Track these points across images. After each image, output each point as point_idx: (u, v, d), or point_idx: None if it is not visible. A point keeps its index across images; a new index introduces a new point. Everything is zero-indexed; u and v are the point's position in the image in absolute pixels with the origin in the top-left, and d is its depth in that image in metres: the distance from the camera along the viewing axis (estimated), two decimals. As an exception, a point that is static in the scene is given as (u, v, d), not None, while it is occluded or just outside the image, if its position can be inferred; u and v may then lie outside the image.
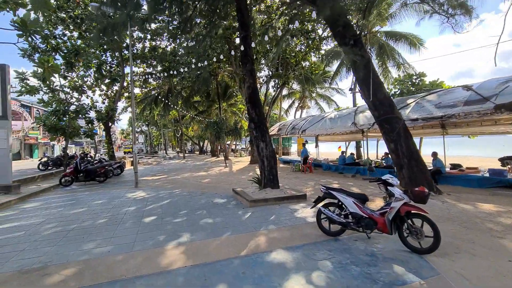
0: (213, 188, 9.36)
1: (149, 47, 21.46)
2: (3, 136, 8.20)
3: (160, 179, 12.63)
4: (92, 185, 11.15)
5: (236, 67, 18.58)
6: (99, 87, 22.05)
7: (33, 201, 7.88)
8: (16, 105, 40.92)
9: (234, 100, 31.50)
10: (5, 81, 8.18)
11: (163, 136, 55.29)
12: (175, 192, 8.74)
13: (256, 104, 7.33)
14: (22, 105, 41.71)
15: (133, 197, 8.06)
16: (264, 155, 7.24)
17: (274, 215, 5.67)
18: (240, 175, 13.46)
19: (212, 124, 17.13)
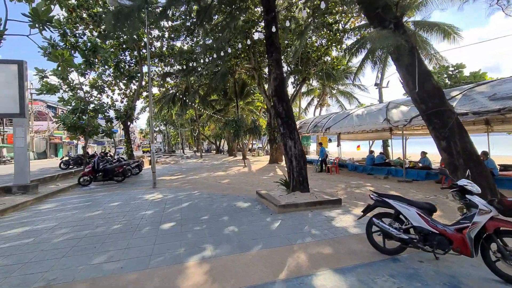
0: (234, 190, 8.72)
1: (166, 45, 21.27)
2: (21, 134, 7.98)
3: (178, 179, 12.18)
4: (110, 185, 10.87)
5: (255, 62, 17.88)
6: (118, 86, 22.19)
7: (49, 201, 7.59)
8: (42, 106, 42.69)
9: (251, 98, 30.87)
10: (22, 78, 7.95)
11: (180, 136, 55.75)
12: (194, 194, 8.17)
13: (283, 97, 6.58)
14: (48, 106, 43.45)
15: (151, 199, 7.56)
16: (292, 155, 6.48)
17: (308, 223, 4.90)
18: (260, 175, 12.76)
19: (230, 123, 16.55)
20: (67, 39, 11.84)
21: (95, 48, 11.97)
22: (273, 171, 14.93)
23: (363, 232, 4.28)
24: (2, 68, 7.85)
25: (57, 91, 11.89)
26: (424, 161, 11.11)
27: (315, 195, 6.37)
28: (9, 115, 7.97)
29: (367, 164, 13.11)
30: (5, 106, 7.85)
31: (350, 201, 6.69)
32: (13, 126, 8.02)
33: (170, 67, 24.24)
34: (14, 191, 7.80)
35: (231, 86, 27.37)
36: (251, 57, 17.65)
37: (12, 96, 7.90)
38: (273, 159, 19.24)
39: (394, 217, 3.58)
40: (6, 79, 7.88)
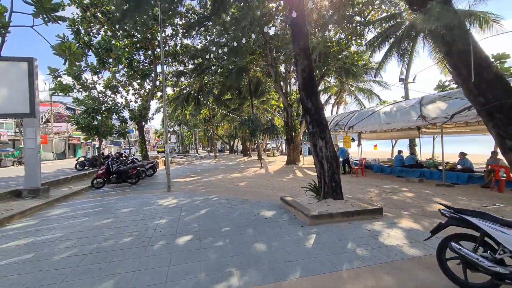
0: (254, 194, 7.99)
1: (180, 43, 20.89)
2: (31, 135, 7.60)
3: (193, 181, 11.61)
4: (123, 188, 10.43)
5: (271, 59, 17.10)
6: (132, 86, 22.03)
7: (59, 206, 7.14)
8: (62, 108, 43.78)
9: (265, 97, 30.11)
10: (32, 75, 7.57)
11: (194, 136, 55.79)
12: (211, 199, 7.51)
13: (312, 91, 5.77)
14: (67, 107, 44.52)
15: (165, 205, 6.96)
16: (323, 156, 5.66)
17: (350, 240, 4.09)
18: (279, 178, 11.97)
19: (246, 122, 15.86)
20: (80, 37, 11.52)
21: (109, 47, 11.59)
22: (291, 172, 14.10)
23: (425, 255, 3.44)
24: (11, 66, 7.50)
25: (70, 91, 11.61)
26: (464, 163, 9.95)
27: (350, 203, 5.53)
28: (19, 115, 7.62)
29: (396, 166, 12.04)
30: (15, 106, 7.49)
31: (391, 209, 5.80)
32: (23, 127, 7.66)
33: (184, 66, 23.91)
34: (24, 195, 7.43)
35: (245, 85, 26.77)
36: (267, 53, 16.88)
37: (22, 95, 7.53)
38: (291, 159, 18.40)
39: (479, 241, 2.71)
40: (16, 77, 7.52)
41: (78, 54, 5.95)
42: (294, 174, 13.45)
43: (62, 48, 5.80)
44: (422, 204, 6.35)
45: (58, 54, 5.84)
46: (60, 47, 5.79)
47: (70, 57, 5.92)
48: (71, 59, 5.96)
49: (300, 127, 19.57)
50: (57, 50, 5.82)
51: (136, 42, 19.99)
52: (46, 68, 12.95)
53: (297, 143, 18.96)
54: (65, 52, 5.83)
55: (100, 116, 12.25)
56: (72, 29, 11.22)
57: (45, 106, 41.01)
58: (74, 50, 5.89)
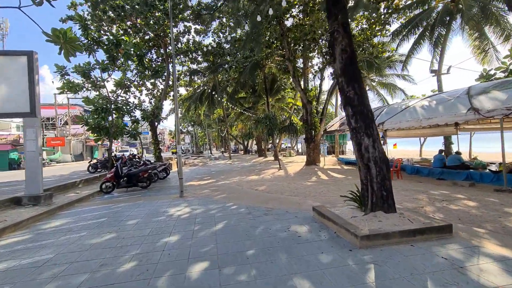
0: (278, 202, 6.91)
1: (193, 41, 20.14)
2: (31, 136, 6.90)
3: (208, 185, 10.69)
4: (134, 192, 9.66)
5: (289, 52, 15.94)
6: (145, 86, 21.54)
7: (60, 216, 6.38)
8: (79, 110, 44.52)
9: (281, 94, 28.93)
10: (32, 70, 6.85)
11: (208, 136, 55.41)
12: (229, 207, 6.51)
13: (354, 75, 4.62)
14: (85, 110, 45.28)
15: (177, 214, 6.03)
16: (370, 158, 4.50)
17: (428, 275, 2.93)
18: (302, 180, 10.83)
19: (263, 120, 14.80)
20: (88, 33, 10.88)
21: (117, 41, 10.88)
22: (313, 174, 12.91)
23: None
24: (9, 61, 6.82)
25: (79, 90, 11.00)
26: (524, 163, 8.42)
27: (406, 218, 4.33)
28: (19, 115, 6.94)
29: (436, 166, 10.58)
30: (14, 105, 6.80)
31: (457, 225, 4.55)
32: (23, 127, 6.98)
33: (196, 64, 23.21)
34: (24, 202, 6.74)
35: (260, 83, 25.74)
36: (284, 46, 15.74)
37: (21, 92, 6.83)
38: (311, 160, 17.15)
39: None
40: (14, 73, 6.83)
41: (74, 41, 5.08)
42: (317, 176, 12.25)
43: (56, 34, 4.96)
44: (496, 217, 5.04)
45: (51, 41, 5.02)
46: (54, 33, 4.95)
47: (65, 45, 5.08)
48: (67, 47, 5.12)
49: (320, 125, 18.29)
50: (50, 36, 5.00)
51: (148, 40, 19.46)
52: (46, 62, 12.40)
53: (317, 142, 17.69)
54: (59, 39, 5.00)
55: (110, 115, 11.58)
56: (79, 24, 10.58)
57: (63, 109, 41.85)
58: (71, 37, 5.04)
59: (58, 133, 37.17)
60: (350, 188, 8.32)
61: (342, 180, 10.45)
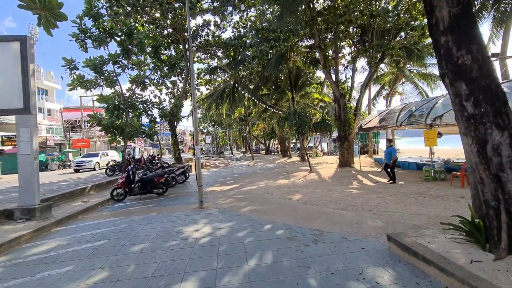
0: (325, 219, 5.25)
1: (212, 34, 18.91)
2: (25, 137, 5.80)
3: (232, 191, 9.24)
4: (148, 200, 8.44)
5: (319, 40, 14.11)
6: (164, 84, 20.68)
7: (53, 236, 5.16)
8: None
9: (306, 90, 26.99)
10: (26, 58, 5.75)
11: (228, 136, 54.52)
12: (262, 227, 4.95)
13: (470, 34, 2.87)
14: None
15: (194, 237, 4.57)
16: (505, 164, 2.71)
17: None
18: (341, 186, 9.04)
19: (291, 116, 13.11)
20: (99, 23, 9.85)
21: (130, 31, 9.75)
22: (353, 178, 11.03)
23: None
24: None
25: (91, 86, 10.02)
26: None
27: None
28: (10, 112, 5.89)
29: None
30: (5, 100, 5.73)
31: None
32: (16, 127, 5.91)
33: (217, 59, 22.01)
34: (16, 216, 5.64)
35: (283, 79, 24.05)
36: (314, 33, 13.92)
37: (13, 85, 5.76)
38: (344, 161, 15.19)
39: None
40: (5, 62, 5.77)
41: (55, 7, 3.80)
42: (359, 181, 10.36)
43: None
44: None
45: (26, 7, 3.77)
46: (28, -3, 3.69)
47: (44, 12, 3.80)
48: (47, 15, 3.85)
49: (355, 122, 16.25)
50: (25, 1, 3.73)
51: (167, 36, 18.51)
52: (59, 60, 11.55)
53: (351, 141, 15.67)
54: (35, 4, 3.72)
55: (124, 114, 10.51)
56: (90, 14, 9.57)
57: (88, 111, 42.79)
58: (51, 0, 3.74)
59: (84, 134, 37.84)
60: (412, 199, 6.44)
61: (395, 187, 8.52)
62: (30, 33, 40.44)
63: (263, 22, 18.21)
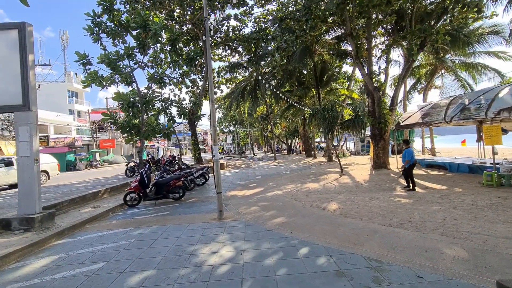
0: (379, 241, 4.01)
1: (232, 28, 18.03)
2: (25, 137, 5.14)
3: (255, 197, 8.18)
4: (163, 206, 7.64)
5: (351, 27, 12.64)
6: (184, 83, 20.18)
7: (48, 253, 4.40)
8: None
9: (331, 86, 25.27)
10: (25, 48, 5.09)
11: (250, 136, 53.73)
12: (297, 251, 3.82)
13: None
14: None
15: (211, 264, 3.55)
16: None
17: None
18: (383, 192, 7.64)
19: (319, 113, 11.79)
20: (113, 15, 9.24)
21: (144, 22, 9.03)
22: (394, 182, 9.53)
23: None
24: (-4, 36, 5.14)
25: (106, 82, 9.45)
26: None
27: None
28: (7, 108, 5.27)
29: None
30: (1, 95, 5.11)
31: None
32: (15, 125, 5.29)
33: (238, 55, 21.13)
34: (14, 226, 4.99)
35: (309, 73, 22.61)
36: (345, 18, 12.47)
37: (11, 79, 5.13)
38: (380, 162, 13.56)
39: None
40: (2, 52, 5.15)
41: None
42: (403, 186, 8.85)
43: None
44: None
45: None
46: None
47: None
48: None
49: (391, 118, 14.54)
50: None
51: (186, 32, 17.92)
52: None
53: (387, 140, 13.99)
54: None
55: (139, 112, 9.85)
56: (104, 4, 8.99)
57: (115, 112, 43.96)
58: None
59: (110, 135, 38.84)
60: (489, 214, 4.67)
61: (455, 196, 6.97)
62: (61, 38, 42.37)
63: (285, 14, 17.07)
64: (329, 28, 17.16)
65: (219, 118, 55.18)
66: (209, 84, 6.22)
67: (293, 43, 11.78)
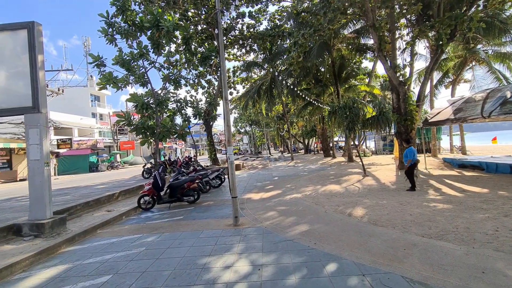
0: (418, 254, 3.41)
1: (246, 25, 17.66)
2: (35, 140, 4.99)
3: (273, 201, 7.70)
4: (177, 209, 7.36)
5: (373, 18, 11.83)
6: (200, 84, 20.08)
7: (54, 262, 4.16)
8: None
9: (350, 83, 24.22)
10: (34, 48, 4.95)
11: (266, 136, 53.24)
12: (323, 267, 3.31)
13: None
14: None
15: (225, 285, 3.13)
16: None
17: None
18: (413, 196, 6.90)
19: (340, 110, 11.10)
20: (127, 16, 9.13)
21: (157, 21, 8.83)
22: (425, 184, 8.71)
23: None
24: (6, 37, 5.04)
25: (121, 83, 9.36)
26: None
27: None
28: (17, 111, 5.15)
29: None
30: (12, 98, 5.00)
31: None
32: (24, 127, 5.16)
33: (253, 54, 20.75)
34: (24, 232, 4.85)
35: (326, 69, 21.80)
36: (367, 9, 11.68)
37: (21, 80, 5.00)
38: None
39: None
40: (11, 53, 5.04)
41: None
42: (436, 189, 8.03)
43: None
44: None
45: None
46: None
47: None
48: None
49: (418, 114, 13.55)
50: None
51: (201, 32, 17.77)
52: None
53: (413, 138, 13.00)
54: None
55: (153, 112, 9.69)
56: (117, 5, 8.89)
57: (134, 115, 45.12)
58: None
59: (130, 137, 39.82)
60: None
61: (499, 200, 6.12)
62: (84, 44, 44.06)
63: (302, 9, 16.47)
64: (348, 22, 16.36)
65: (235, 118, 55.19)
66: (222, 80, 5.84)
67: (311, 37, 11.16)
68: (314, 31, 11.30)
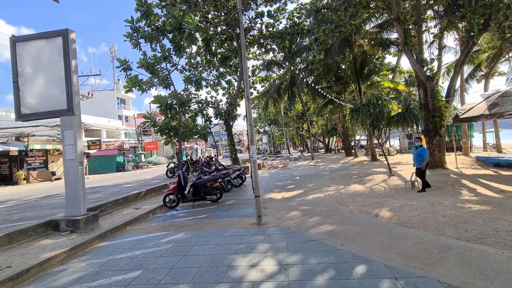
0: (454, 257, 3.21)
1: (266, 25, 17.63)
2: (70, 140, 5.31)
3: (295, 200, 7.62)
4: (201, 208, 7.51)
5: (397, 11, 11.33)
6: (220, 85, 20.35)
7: (92, 255, 4.41)
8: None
9: (372, 80, 23.39)
10: (69, 54, 5.27)
11: (285, 135, 52.90)
12: (352, 269, 3.22)
13: None
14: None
15: (252, 284, 3.14)
16: None
17: None
18: (445, 196, 6.52)
19: (364, 108, 10.75)
20: (150, 20, 9.44)
21: (179, 24, 9.05)
22: (458, 184, 8.19)
23: None
24: (43, 45, 5.40)
25: (146, 85, 9.72)
26: None
27: None
28: (52, 113, 5.48)
29: None
30: (48, 101, 5.35)
31: None
32: (60, 129, 5.49)
33: (272, 53, 20.68)
34: (62, 227, 5.17)
35: (347, 67, 21.26)
36: (391, 3, 11.20)
37: (57, 84, 5.34)
38: (435, 161, 11.95)
39: None
40: (48, 59, 5.39)
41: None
42: (470, 189, 7.53)
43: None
44: None
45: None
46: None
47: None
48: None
49: (447, 110, 12.77)
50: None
51: (220, 33, 18.00)
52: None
53: (443, 136, 12.29)
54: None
55: (176, 113, 9.95)
56: (141, 10, 9.23)
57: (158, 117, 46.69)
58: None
59: (153, 138, 41.24)
60: None
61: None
62: (110, 50, 46.25)
63: (322, 6, 16.16)
64: (370, 16, 15.82)
65: (254, 118, 55.33)
66: (244, 78, 5.86)
67: (332, 33, 10.91)
68: (335, 26, 11.03)
